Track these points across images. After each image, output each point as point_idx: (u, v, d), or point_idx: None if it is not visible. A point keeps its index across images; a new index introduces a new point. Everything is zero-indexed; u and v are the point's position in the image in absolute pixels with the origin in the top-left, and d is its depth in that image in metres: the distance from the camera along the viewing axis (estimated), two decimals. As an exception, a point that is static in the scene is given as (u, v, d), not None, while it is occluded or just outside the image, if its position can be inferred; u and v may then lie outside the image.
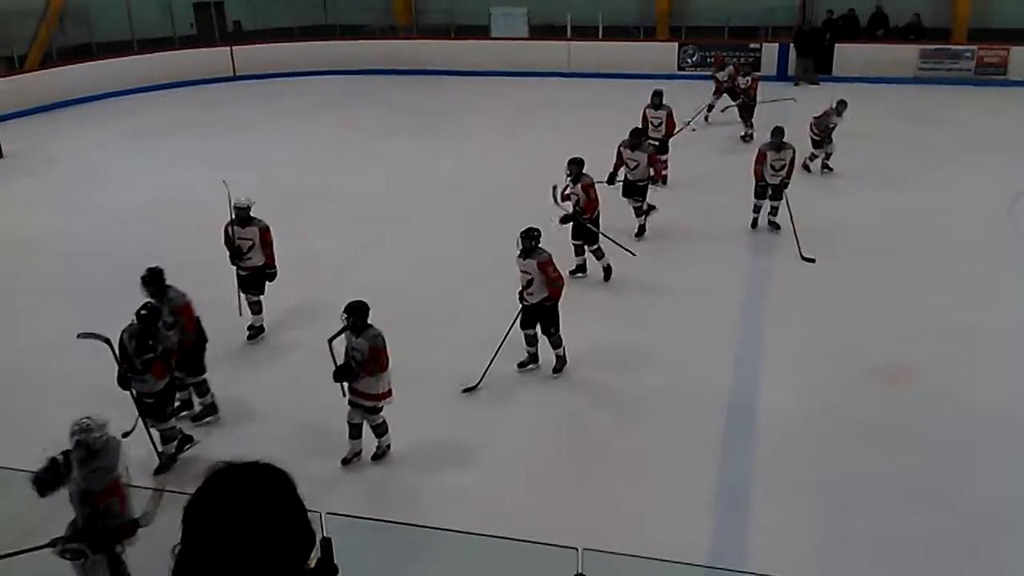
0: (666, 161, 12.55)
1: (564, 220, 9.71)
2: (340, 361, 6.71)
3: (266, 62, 21.30)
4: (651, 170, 11.00)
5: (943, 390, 7.74)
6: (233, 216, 8.52)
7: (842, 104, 12.95)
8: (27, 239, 11.85)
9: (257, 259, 8.62)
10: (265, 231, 8.57)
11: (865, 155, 14.25)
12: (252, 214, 8.57)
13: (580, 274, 10.11)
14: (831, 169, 13.59)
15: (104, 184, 14.17)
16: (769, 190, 11.11)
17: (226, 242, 8.61)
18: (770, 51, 20.23)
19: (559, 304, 7.90)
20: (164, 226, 11.96)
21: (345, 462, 6.88)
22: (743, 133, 15.41)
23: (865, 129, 15.45)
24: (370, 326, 6.62)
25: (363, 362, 6.58)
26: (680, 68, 20.71)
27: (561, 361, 8.18)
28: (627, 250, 10.34)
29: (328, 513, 4.03)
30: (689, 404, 7.63)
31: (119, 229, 12.05)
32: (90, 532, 4.91)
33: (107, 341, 6.49)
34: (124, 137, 16.93)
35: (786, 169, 10.94)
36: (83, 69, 19.94)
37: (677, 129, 12.89)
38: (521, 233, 7.87)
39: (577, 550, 4.44)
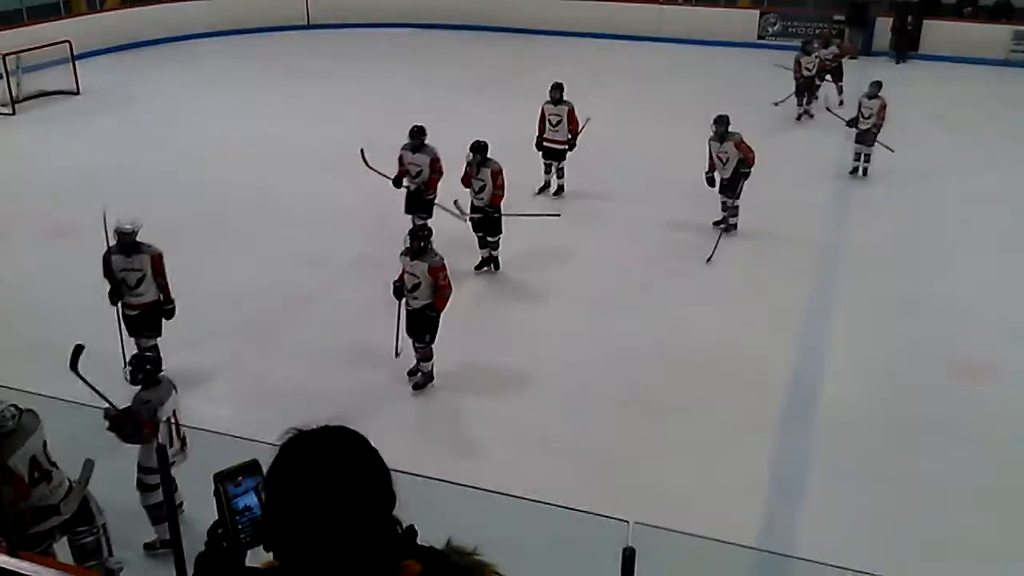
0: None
1: (473, 216, 9.22)
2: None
3: (342, 11, 21.26)
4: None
5: (1021, 391, 7.48)
6: (112, 243, 7.07)
7: (875, 85, 11.85)
8: (98, 175, 12.06)
9: (149, 294, 7.19)
10: (158, 259, 7.14)
11: (950, 140, 13.77)
12: (139, 239, 7.15)
13: (485, 268, 9.47)
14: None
15: (176, 124, 14.40)
16: (720, 186, 10.19)
17: (106, 274, 7.16)
18: (884, 24, 19.46)
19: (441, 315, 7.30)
20: (233, 171, 12.13)
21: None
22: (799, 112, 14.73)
23: (952, 112, 14.96)
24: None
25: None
26: (760, 37, 20.21)
27: (426, 377, 7.45)
28: (551, 215, 10.12)
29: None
30: (749, 386, 7.48)
31: (187, 168, 12.23)
32: None
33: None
34: (197, 80, 17.18)
35: (733, 162, 9.95)
36: (162, 11, 20.14)
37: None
38: (409, 231, 7.25)
39: (628, 523, 4.41)
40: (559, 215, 10.16)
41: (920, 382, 7.57)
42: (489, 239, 9.37)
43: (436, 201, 9.49)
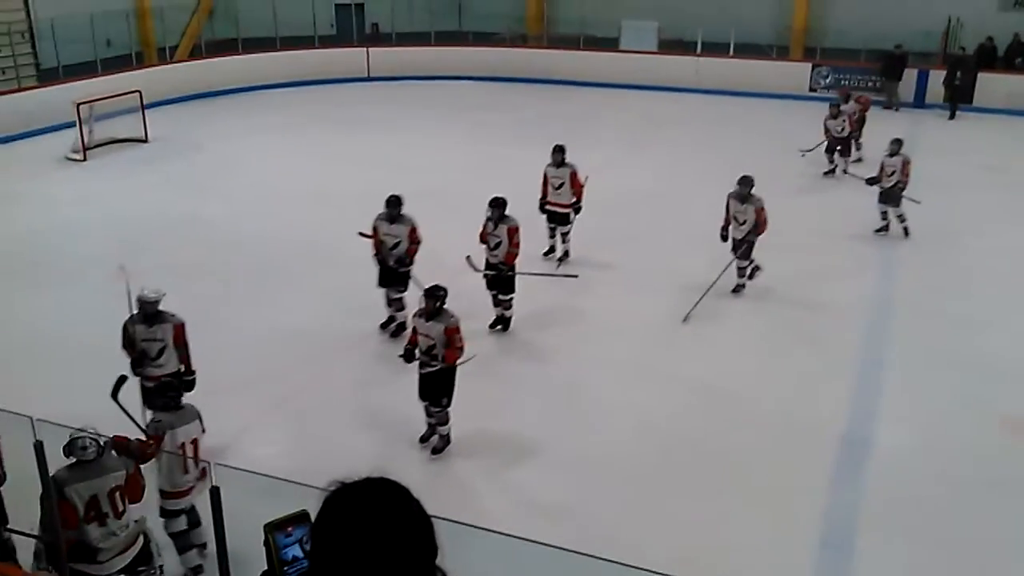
0: None
1: (487, 272, 9.11)
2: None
3: (400, 64, 21.86)
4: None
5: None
6: (134, 312, 6.87)
7: (895, 143, 11.66)
8: (163, 220, 12.56)
9: (170, 365, 6.90)
10: (179, 328, 6.89)
11: (1003, 192, 13.66)
12: (162, 308, 6.90)
13: (499, 327, 9.30)
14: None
15: (239, 173, 14.90)
16: (733, 244, 9.97)
17: (125, 345, 6.91)
18: (909, 76, 19.56)
19: (455, 371, 7.06)
20: (292, 217, 12.52)
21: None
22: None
23: (1003, 164, 14.85)
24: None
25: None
26: (812, 89, 20.29)
27: (444, 441, 7.23)
28: (569, 276, 9.96)
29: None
30: (801, 433, 7.47)
31: (249, 215, 12.65)
32: None
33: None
34: (261, 130, 17.71)
35: (749, 224, 9.75)
36: (228, 63, 20.93)
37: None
38: (425, 291, 7.04)
39: (674, 576, 4.42)
40: (576, 276, 10.01)
41: (972, 438, 7.49)
42: (501, 297, 9.19)
43: (412, 274, 9.04)
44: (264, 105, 19.85)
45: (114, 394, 5.96)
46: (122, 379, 6.10)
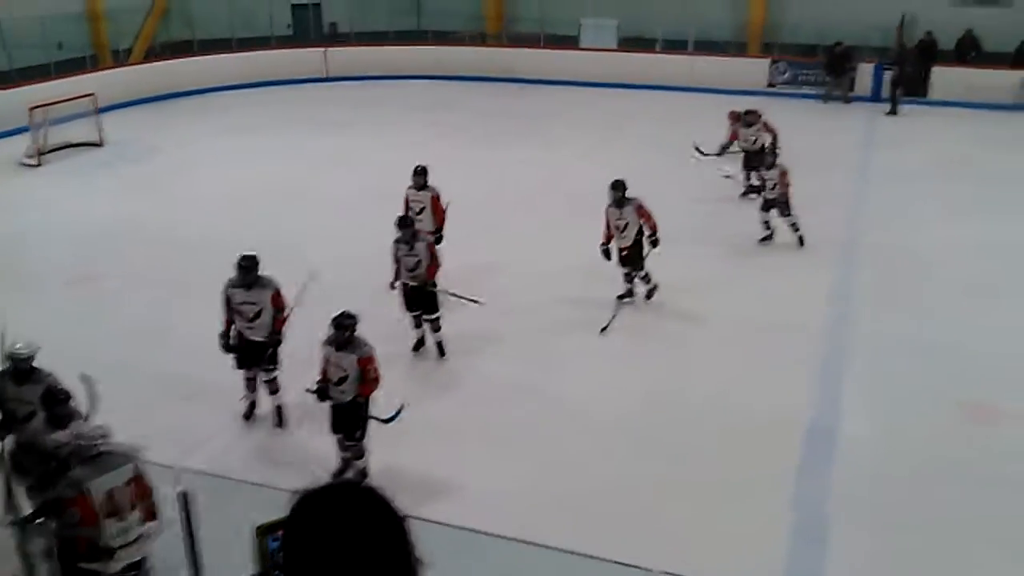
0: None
1: (413, 289, 8.49)
2: None
3: (358, 64, 21.72)
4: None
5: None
6: (7, 368, 6.12)
7: (770, 155, 11.44)
8: (120, 225, 12.37)
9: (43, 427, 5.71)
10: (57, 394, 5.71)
11: (961, 185, 13.87)
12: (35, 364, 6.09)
13: (423, 347, 8.78)
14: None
15: (196, 175, 14.72)
16: (619, 257, 9.45)
17: None
18: (865, 71, 19.83)
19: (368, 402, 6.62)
20: (250, 217, 12.35)
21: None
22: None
23: (962, 157, 15.08)
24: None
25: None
26: (771, 84, 20.50)
27: (360, 476, 6.64)
28: (473, 300, 9.00)
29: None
30: (766, 429, 7.48)
31: (207, 218, 12.48)
32: None
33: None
34: (219, 131, 17.53)
35: (632, 229, 9.28)
36: (184, 64, 20.72)
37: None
38: (333, 320, 6.51)
39: (651, 572, 4.45)
40: (482, 303, 9.06)
41: (933, 425, 7.59)
42: (427, 317, 8.67)
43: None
44: (221, 107, 19.64)
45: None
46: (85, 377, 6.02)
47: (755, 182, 12.05)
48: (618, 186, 9.28)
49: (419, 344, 8.81)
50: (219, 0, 21.04)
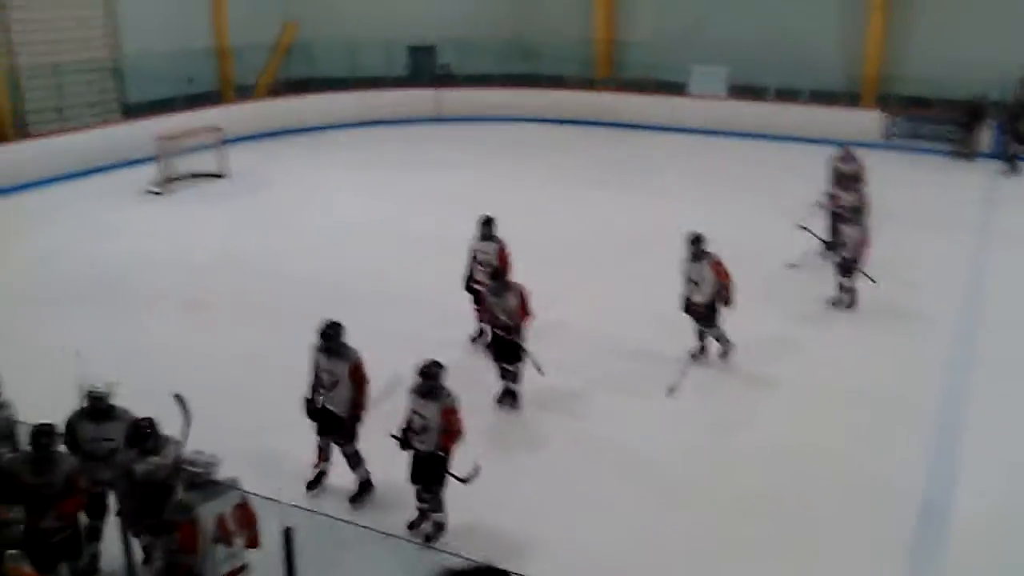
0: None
1: (499, 339, 8.44)
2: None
3: (470, 106, 22.20)
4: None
5: None
6: (83, 408, 6.18)
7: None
8: (234, 254, 12.94)
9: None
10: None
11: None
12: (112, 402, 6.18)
13: (511, 401, 8.60)
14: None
15: (311, 210, 15.26)
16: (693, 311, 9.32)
17: (68, 444, 6.05)
18: (987, 126, 19.10)
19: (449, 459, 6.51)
20: (357, 254, 12.80)
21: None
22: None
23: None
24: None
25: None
26: (885, 137, 20.01)
27: (437, 528, 6.61)
28: (537, 368, 8.46)
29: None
30: (876, 502, 7.18)
31: (316, 253, 12.94)
32: None
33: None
34: (334, 167, 18.18)
35: (707, 286, 9.07)
36: (304, 102, 21.58)
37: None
38: (420, 369, 6.47)
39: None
40: (543, 374, 8.49)
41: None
42: (508, 368, 8.58)
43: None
44: (338, 144, 20.35)
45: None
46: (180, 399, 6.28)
47: (829, 239, 11.44)
48: (696, 240, 9.15)
49: (504, 395, 8.73)
50: (339, 41, 21.82)
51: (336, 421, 6.97)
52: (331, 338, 6.89)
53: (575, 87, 23.13)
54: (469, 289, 9.58)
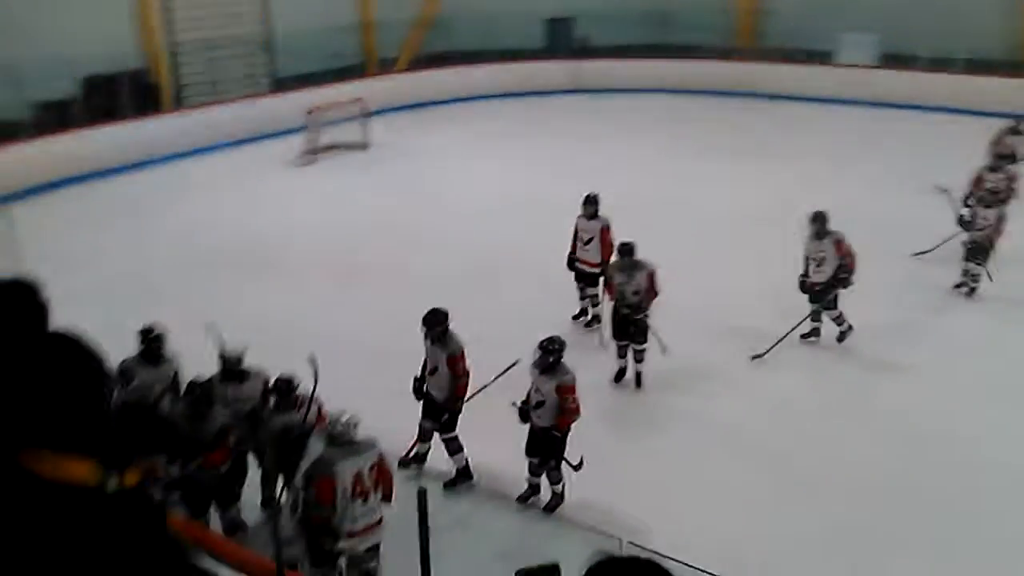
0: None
1: (621, 322, 8.47)
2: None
3: (606, 77, 22.14)
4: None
5: None
6: (217, 369, 6.60)
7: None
8: (377, 223, 13.40)
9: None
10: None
11: None
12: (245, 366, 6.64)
13: (618, 381, 8.66)
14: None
15: (451, 180, 15.65)
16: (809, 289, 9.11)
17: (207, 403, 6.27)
18: None
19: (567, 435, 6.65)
20: (493, 223, 13.06)
21: None
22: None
23: None
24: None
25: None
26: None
27: (557, 498, 6.81)
28: (663, 348, 8.54)
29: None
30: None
31: (455, 223, 13.28)
32: None
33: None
34: (473, 138, 18.56)
35: (829, 265, 8.92)
36: (443, 74, 22.01)
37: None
38: (541, 343, 6.58)
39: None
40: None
41: None
42: (634, 347, 8.59)
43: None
44: (475, 115, 20.70)
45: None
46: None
47: (967, 215, 10.65)
48: (818, 218, 8.96)
49: (620, 375, 8.75)
50: (478, 14, 22.09)
51: (437, 406, 7.11)
52: (433, 325, 6.94)
53: (716, 57, 22.68)
54: (571, 267, 9.64)
